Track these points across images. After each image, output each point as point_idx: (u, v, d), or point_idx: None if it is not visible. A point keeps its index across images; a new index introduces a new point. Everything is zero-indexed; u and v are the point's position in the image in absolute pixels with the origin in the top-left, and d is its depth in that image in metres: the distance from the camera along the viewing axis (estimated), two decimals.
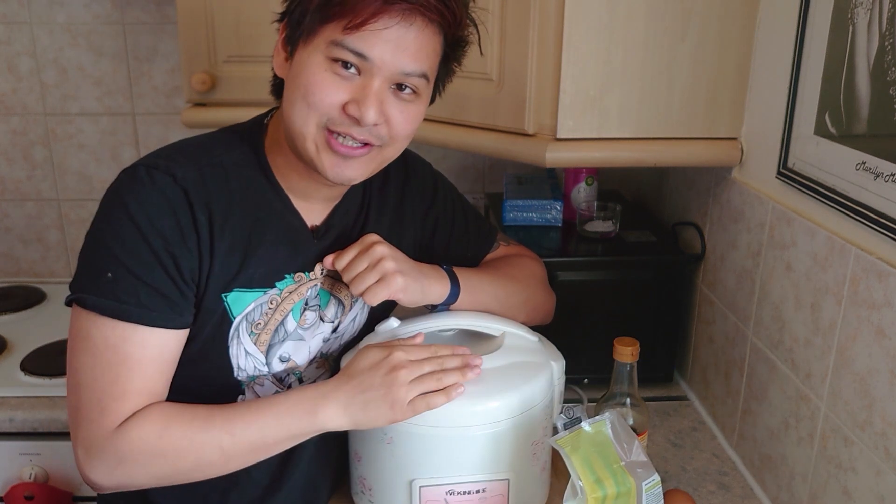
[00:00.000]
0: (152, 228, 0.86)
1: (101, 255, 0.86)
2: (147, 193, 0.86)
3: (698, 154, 1.26)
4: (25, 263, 1.93)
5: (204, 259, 0.90)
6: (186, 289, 0.89)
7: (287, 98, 0.90)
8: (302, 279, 0.98)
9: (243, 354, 0.96)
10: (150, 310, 0.86)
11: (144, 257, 0.85)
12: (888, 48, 0.88)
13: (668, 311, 1.45)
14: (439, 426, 0.93)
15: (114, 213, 0.87)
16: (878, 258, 0.91)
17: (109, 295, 0.85)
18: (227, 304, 0.93)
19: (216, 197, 0.90)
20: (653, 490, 0.94)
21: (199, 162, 0.91)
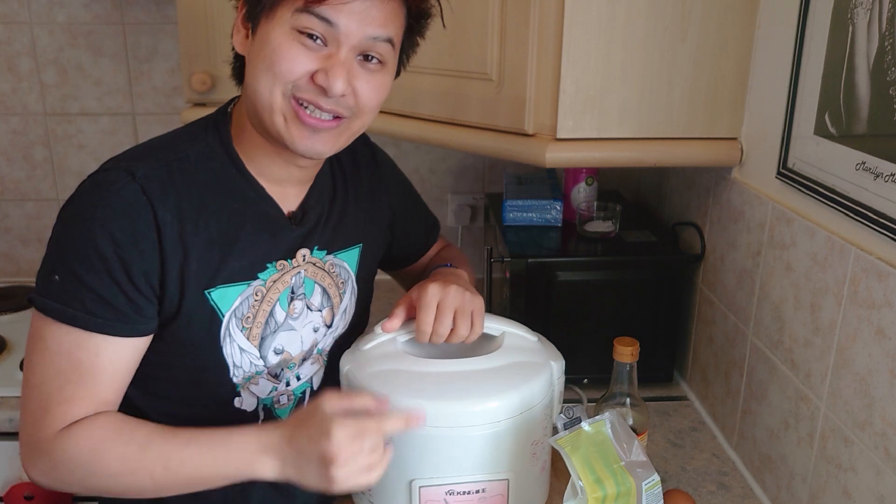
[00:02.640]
0: (102, 231, 0.83)
1: (52, 257, 0.85)
2: (102, 195, 0.84)
3: (698, 154, 1.26)
4: (25, 263, 1.93)
5: (172, 258, 0.87)
6: (137, 295, 0.86)
7: (251, 73, 0.88)
8: (285, 267, 0.97)
9: (238, 352, 0.95)
10: (95, 316, 0.84)
11: (91, 261, 0.83)
12: (888, 48, 0.88)
13: (668, 311, 1.45)
14: (439, 426, 0.93)
15: (69, 215, 0.86)
16: (878, 258, 0.91)
17: (56, 298, 0.84)
18: (213, 302, 0.92)
19: (185, 192, 0.88)
20: (653, 490, 0.94)
21: (164, 158, 0.89)
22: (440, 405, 0.93)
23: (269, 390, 0.99)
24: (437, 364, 0.99)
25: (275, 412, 1.01)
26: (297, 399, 1.03)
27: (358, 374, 0.98)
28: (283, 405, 1.01)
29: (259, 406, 0.99)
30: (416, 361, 1.00)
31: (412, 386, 0.95)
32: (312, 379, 1.04)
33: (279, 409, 1.01)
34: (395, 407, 0.93)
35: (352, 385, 0.99)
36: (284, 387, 1.01)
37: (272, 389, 1.00)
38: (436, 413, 0.92)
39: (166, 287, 0.88)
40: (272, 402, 1.00)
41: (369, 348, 1.02)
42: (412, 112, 1.34)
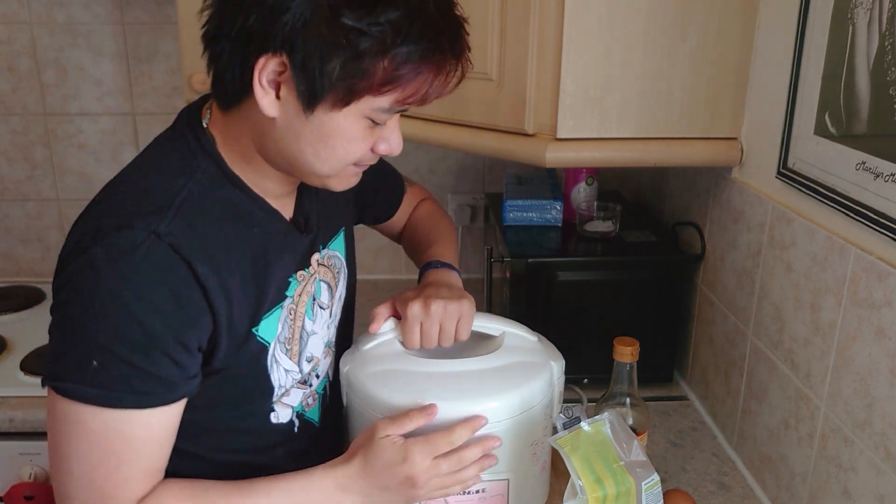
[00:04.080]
0: (143, 304, 0.75)
1: (82, 341, 0.75)
2: (128, 262, 0.75)
3: (698, 154, 1.26)
4: (25, 263, 1.93)
5: (220, 310, 0.81)
6: (191, 360, 0.81)
7: (292, 141, 0.81)
8: (305, 277, 0.96)
9: (283, 374, 0.93)
10: (145, 394, 0.77)
11: (137, 340, 0.75)
12: (888, 48, 0.88)
13: (668, 311, 1.45)
14: (439, 427, 0.93)
15: (92, 292, 0.75)
16: (878, 258, 0.91)
17: (96, 384, 0.75)
18: (261, 337, 0.88)
19: (208, 234, 0.81)
20: (652, 490, 0.94)
21: (171, 202, 0.80)
22: (441, 405, 0.93)
23: (300, 397, 0.98)
24: (436, 364, 0.99)
25: (306, 416, 1.00)
26: (321, 396, 1.02)
27: (358, 374, 0.98)
28: (311, 406, 1.01)
29: (293, 415, 0.98)
30: (416, 361, 1.00)
31: (412, 386, 0.95)
32: (328, 373, 1.04)
33: (309, 412, 1.00)
34: (396, 405, 0.94)
35: (351, 385, 0.99)
36: (310, 389, 1.00)
37: (302, 395, 0.99)
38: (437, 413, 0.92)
39: (218, 341, 0.83)
40: (302, 406, 0.99)
41: (369, 348, 1.02)
42: (412, 112, 1.34)
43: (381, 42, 0.74)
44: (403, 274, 1.99)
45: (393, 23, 0.74)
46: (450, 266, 1.13)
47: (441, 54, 0.78)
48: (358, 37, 0.73)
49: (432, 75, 0.79)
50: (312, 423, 1.01)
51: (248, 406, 0.93)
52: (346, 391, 1.01)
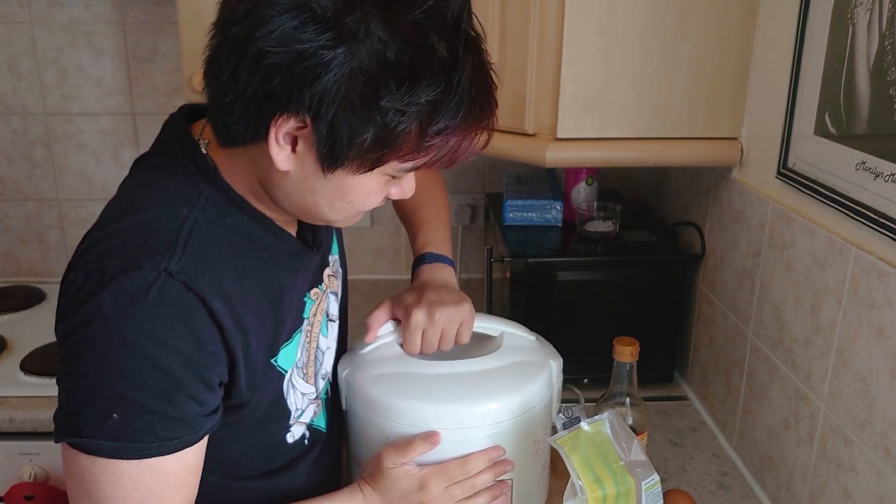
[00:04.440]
0: (162, 348, 0.71)
1: (99, 394, 0.71)
2: (142, 309, 0.70)
3: (698, 154, 1.26)
4: (25, 263, 1.93)
5: (236, 346, 0.77)
6: (213, 396, 0.77)
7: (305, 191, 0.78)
8: (318, 294, 0.93)
9: (300, 397, 0.92)
10: (170, 440, 0.74)
11: (158, 388, 0.72)
12: (888, 48, 0.88)
13: (668, 311, 1.44)
14: (440, 428, 0.93)
15: (104, 343, 0.70)
16: (878, 258, 0.91)
17: (119, 437, 0.71)
18: (279, 367, 0.86)
19: (219, 267, 0.76)
20: (652, 490, 0.94)
21: (177, 235, 0.74)
22: (441, 407, 0.93)
23: (312, 412, 0.97)
24: (436, 366, 0.99)
25: (314, 425, 0.98)
26: (325, 400, 1.01)
27: (357, 378, 0.98)
28: (317, 413, 0.99)
29: (304, 429, 0.97)
30: (416, 364, 1.00)
31: (412, 388, 0.95)
32: (330, 374, 1.03)
33: (316, 420, 0.99)
34: (397, 408, 0.94)
35: (350, 389, 0.99)
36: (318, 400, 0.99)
37: (313, 409, 0.97)
38: (437, 415, 0.92)
39: (236, 377, 0.80)
40: (311, 418, 0.98)
41: (367, 351, 1.02)
42: None
43: (418, 120, 0.71)
44: (403, 274, 1.99)
45: (431, 102, 0.71)
46: (444, 259, 1.10)
47: (474, 123, 0.76)
48: (394, 116, 0.70)
49: (463, 143, 0.77)
50: (320, 430, 1.00)
51: (265, 431, 0.91)
52: (346, 395, 1.01)
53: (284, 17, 0.66)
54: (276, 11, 0.67)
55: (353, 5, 0.67)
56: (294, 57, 0.67)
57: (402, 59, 0.68)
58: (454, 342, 1.01)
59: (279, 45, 0.67)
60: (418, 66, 0.69)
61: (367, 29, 0.67)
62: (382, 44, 0.67)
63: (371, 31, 0.67)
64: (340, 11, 0.66)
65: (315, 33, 0.66)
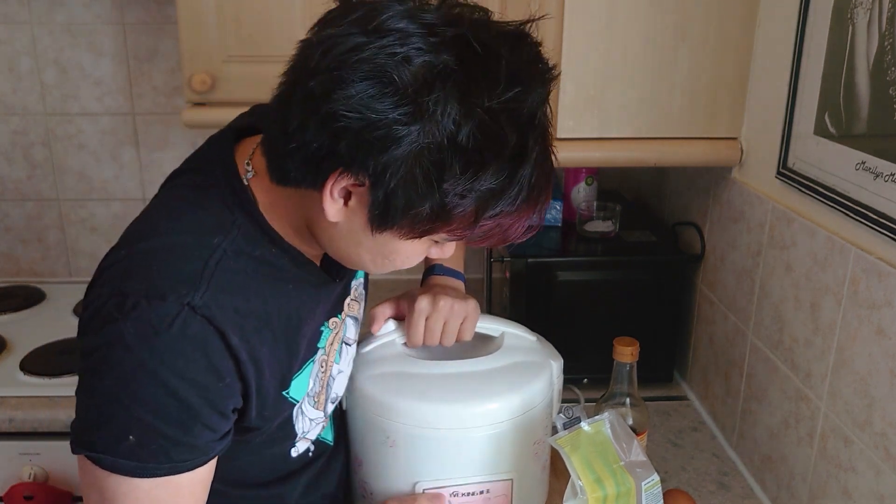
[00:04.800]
0: (181, 382, 0.71)
1: (117, 416, 0.72)
2: (164, 341, 0.71)
3: (698, 154, 1.26)
4: (25, 263, 1.93)
5: (250, 379, 0.78)
6: (227, 423, 0.78)
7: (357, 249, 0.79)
8: (336, 323, 0.93)
9: (308, 422, 0.92)
10: (182, 462, 0.75)
11: (176, 416, 0.73)
12: (888, 48, 0.88)
13: (668, 311, 1.44)
14: (442, 428, 0.93)
15: (125, 369, 0.71)
16: (878, 258, 0.91)
17: (133, 458, 0.73)
18: (291, 398, 0.86)
19: (242, 301, 0.77)
20: (652, 490, 0.94)
21: (204, 267, 0.74)
22: (443, 407, 0.93)
23: (319, 429, 0.97)
24: (437, 366, 0.99)
25: (320, 437, 0.99)
26: (331, 415, 1.01)
27: (358, 378, 0.98)
28: (324, 427, 0.99)
29: (309, 443, 0.97)
30: (417, 363, 1.00)
31: (414, 388, 0.95)
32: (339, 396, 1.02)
33: (323, 433, 0.99)
34: (397, 408, 0.94)
35: (352, 389, 0.99)
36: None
37: (320, 427, 0.97)
38: (439, 415, 0.92)
39: (248, 408, 0.80)
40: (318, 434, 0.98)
41: (368, 350, 1.02)
42: None
43: (476, 204, 0.71)
44: (403, 274, 1.98)
45: (493, 190, 0.70)
46: (454, 273, 1.11)
47: (529, 210, 0.75)
48: (454, 197, 0.70)
49: (515, 225, 0.76)
50: (326, 443, 1.00)
51: (270, 449, 0.91)
52: (347, 395, 1.01)
53: (364, 84, 0.66)
54: (358, 77, 0.66)
55: (434, 84, 0.66)
56: (366, 125, 0.67)
57: (472, 144, 0.68)
58: (457, 338, 1.01)
59: (354, 111, 0.66)
60: (487, 153, 0.69)
61: (444, 110, 0.66)
62: (456, 126, 0.67)
63: (447, 112, 0.67)
64: (421, 88, 0.66)
65: (391, 105, 0.66)
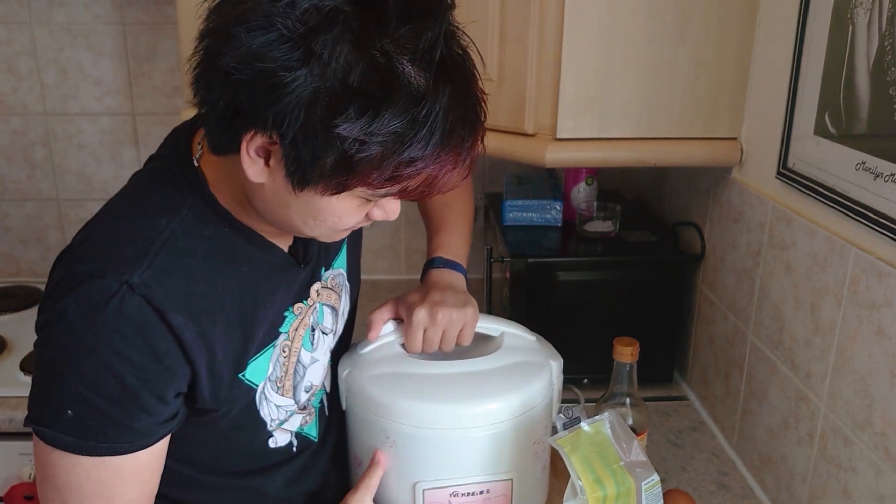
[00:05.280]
0: (117, 357, 0.72)
1: (58, 389, 0.74)
2: (100, 316, 0.72)
3: (698, 154, 1.26)
4: (25, 263, 1.93)
5: (198, 360, 0.78)
6: (167, 408, 0.78)
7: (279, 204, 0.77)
8: (302, 310, 0.92)
9: (274, 409, 0.91)
10: (120, 443, 0.76)
11: (112, 393, 0.73)
12: (888, 48, 0.88)
13: (668, 311, 1.45)
14: (442, 428, 0.93)
15: (64, 343, 0.73)
16: (878, 258, 0.91)
17: (72, 433, 0.74)
18: (248, 381, 0.86)
19: (188, 280, 0.77)
20: (652, 490, 0.94)
21: (149, 247, 0.75)
22: (443, 407, 0.93)
23: (299, 420, 0.97)
24: (437, 366, 0.99)
25: (303, 433, 0.99)
26: (318, 409, 1.01)
27: (358, 378, 0.98)
28: (308, 422, 0.99)
29: (292, 436, 0.97)
30: (416, 364, 1.00)
31: (414, 389, 0.95)
32: (325, 384, 1.03)
33: (307, 428, 0.99)
34: (397, 408, 0.93)
35: (351, 389, 0.99)
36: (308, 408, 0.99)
37: (301, 418, 0.98)
38: (439, 415, 0.92)
39: (198, 389, 0.80)
40: (300, 426, 0.98)
41: (368, 351, 1.02)
42: None
43: (380, 150, 0.68)
44: (403, 274, 1.99)
45: (395, 133, 0.67)
46: (454, 265, 1.10)
47: (449, 156, 0.72)
48: (353, 143, 0.67)
49: (439, 174, 0.73)
50: (310, 439, 1.00)
51: (240, 435, 0.91)
52: (346, 395, 1.01)
53: (251, 35, 0.65)
54: (244, 29, 0.65)
55: (321, 27, 0.65)
56: (257, 75, 0.66)
57: (366, 86, 0.65)
58: (455, 343, 1.01)
59: (244, 63, 0.66)
60: (382, 94, 0.66)
61: (333, 52, 0.65)
62: (346, 68, 0.65)
63: (337, 54, 0.65)
64: (307, 32, 0.65)
65: (279, 53, 0.65)
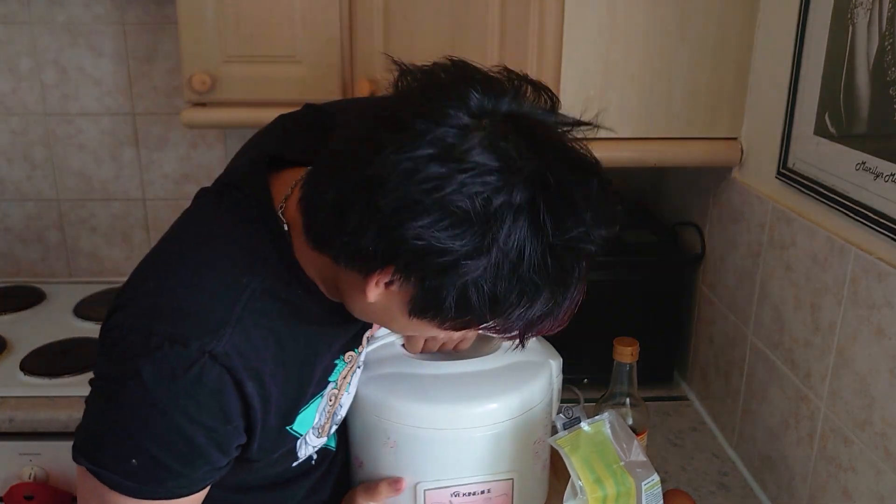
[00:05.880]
0: (191, 424, 0.73)
1: (124, 441, 0.73)
2: (181, 385, 0.71)
3: (698, 154, 1.26)
4: (25, 263, 1.93)
5: (256, 417, 0.78)
6: (227, 458, 0.79)
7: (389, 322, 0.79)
8: (353, 357, 0.91)
9: (310, 449, 0.92)
10: (181, 488, 0.76)
11: (178, 451, 0.74)
12: (888, 48, 0.88)
13: (668, 311, 1.44)
14: (442, 428, 0.93)
15: (138, 405, 0.72)
16: (878, 258, 0.91)
17: (133, 479, 0.74)
18: (294, 431, 0.85)
19: (263, 345, 0.76)
20: (652, 490, 0.94)
21: (230, 314, 0.74)
22: (443, 408, 0.93)
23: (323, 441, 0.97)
24: (437, 366, 0.99)
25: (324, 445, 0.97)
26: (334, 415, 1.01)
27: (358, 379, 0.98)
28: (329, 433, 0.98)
29: (312, 451, 0.95)
30: (417, 364, 1.00)
31: (414, 389, 0.95)
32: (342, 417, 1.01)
33: (329, 440, 0.98)
34: (398, 409, 0.93)
35: None
36: None
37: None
38: (439, 415, 0.92)
39: (252, 442, 0.80)
40: None
41: (368, 352, 1.02)
42: None
43: (522, 327, 0.73)
44: None
45: (541, 315, 0.72)
46: None
47: (566, 318, 0.77)
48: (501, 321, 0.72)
49: (551, 328, 0.77)
50: (329, 449, 0.99)
51: (275, 468, 0.91)
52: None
53: (438, 215, 0.64)
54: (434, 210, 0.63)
55: (506, 219, 0.65)
56: (433, 251, 0.65)
57: (531, 277, 0.68)
58: (454, 348, 1.02)
59: (422, 240, 0.64)
60: (544, 286, 0.69)
61: (510, 241, 0.65)
62: (518, 259, 0.66)
63: (512, 244, 0.65)
64: (493, 223, 0.64)
65: (462, 238, 0.64)
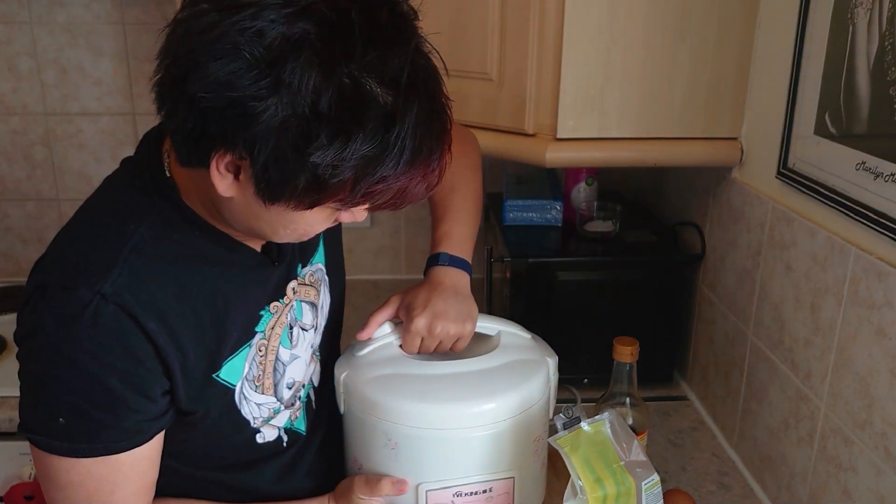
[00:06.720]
0: (99, 365, 0.74)
1: (46, 399, 0.76)
2: (80, 329, 0.73)
3: (698, 154, 1.26)
4: (25, 263, 1.93)
5: (172, 361, 0.79)
6: (156, 406, 0.80)
7: (257, 221, 0.78)
8: (279, 308, 0.92)
9: (255, 407, 0.91)
10: (115, 442, 0.78)
11: (99, 398, 0.75)
12: (888, 48, 0.88)
13: (668, 311, 1.44)
14: (443, 428, 0.93)
15: (47, 356, 0.74)
16: (878, 258, 0.91)
17: (65, 438, 0.76)
18: (223, 380, 0.86)
19: (157, 285, 0.78)
20: (652, 490, 0.94)
21: (118, 256, 0.76)
22: (443, 408, 0.93)
23: (287, 416, 0.98)
24: (435, 366, 0.99)
25: (293, 428, 0.99)
26: (305, 404, 1.01)
27: (355, 380, 0.97)
28: (297, 417, 1.00)
29: (280, 431, 0.97)
30: (415, 365, 0.99)
31: (412, 390, 0.95)
32: (312, 378, 1.03)
33: (296, 423, 1.00)
34: (396, 409, 0.93)
35: (349, 391, 0.99)
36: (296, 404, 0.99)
37: (289, 413, 0.98)
38: (439, 416, 0.92)
39: (175, 390, 0.81)
40: (289, 421, 0.98)
41: (364, 353, 1.02)
42: None
43: (353, 173, 0.69)
44: (403, 274, 1.99)
45: (367, 156, 0.68)
46: (459, 262, 1.06)
47: (418, 170, 0.72)
48: (326, 168, 0.68)
49: (409, 186, 0.74)
50: (299, 433, 1.00)
51: (223, 433, 0.91)
52: (344, 398, 1.00)
53: (218, 64, 0.65)
54: (211, 57, 0.65)
55: (289, 55, 0.64)
56: (227, 103, 0.66)
57: (336, 112, 0.66)
58: (451, 348, 1.02)
59: (212, 92, 0.66)
60: (352, 120, 0.66)
61: (302, 79, 0.65)
62: (316, 95, 0.65)
63: (305, 82, 0.65)
64: (275, 60, 0.64)
65: (248, 81, 0.65)
